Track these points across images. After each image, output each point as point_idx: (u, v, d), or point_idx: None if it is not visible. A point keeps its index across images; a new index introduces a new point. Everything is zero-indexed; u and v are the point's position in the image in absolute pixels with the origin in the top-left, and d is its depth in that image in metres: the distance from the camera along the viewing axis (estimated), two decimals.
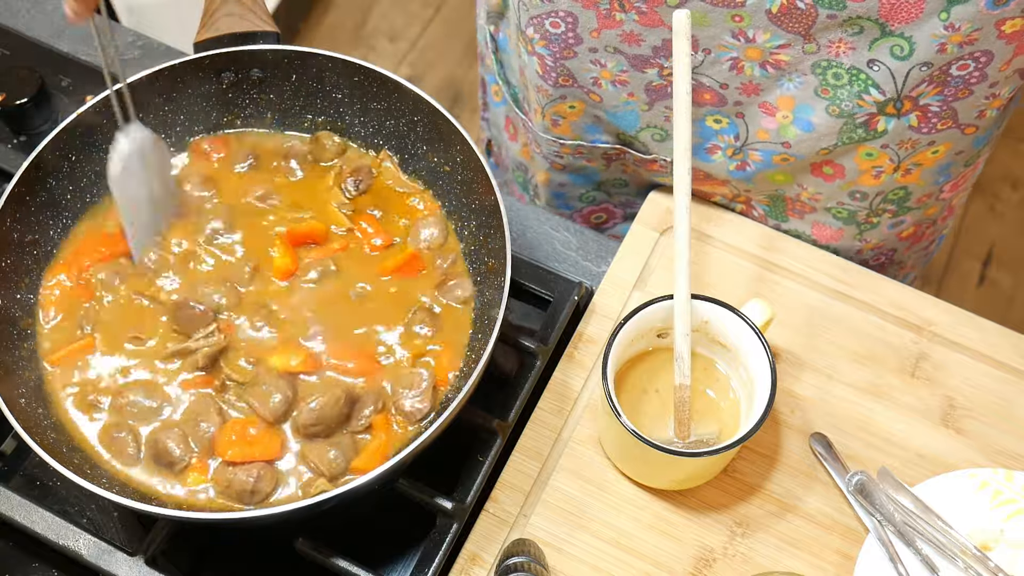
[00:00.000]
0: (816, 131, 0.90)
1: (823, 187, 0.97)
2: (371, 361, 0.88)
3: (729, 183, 1.00)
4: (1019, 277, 2.19)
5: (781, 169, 0.96)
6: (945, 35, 0.79)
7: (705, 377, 0.89)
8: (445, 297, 0.92)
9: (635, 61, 0.89)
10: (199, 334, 0.87)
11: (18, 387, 0.84)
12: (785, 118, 0.90)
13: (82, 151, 0.93)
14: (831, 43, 0.83)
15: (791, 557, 0.87)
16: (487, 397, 0.90)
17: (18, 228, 0.89)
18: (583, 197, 1.12)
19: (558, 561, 0.87)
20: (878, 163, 0.93)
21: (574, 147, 1.02)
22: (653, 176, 1.04)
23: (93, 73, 1.10)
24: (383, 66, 0.95)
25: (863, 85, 0.85)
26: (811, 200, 0.99)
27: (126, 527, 0.90)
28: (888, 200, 0.98)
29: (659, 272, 1.00)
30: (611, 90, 0.93)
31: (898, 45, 0.81)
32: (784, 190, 0.99)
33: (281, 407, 0.85)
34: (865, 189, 0.96)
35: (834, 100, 0.87)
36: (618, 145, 1.01)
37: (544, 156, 1.07)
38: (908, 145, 0.91)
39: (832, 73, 0.85)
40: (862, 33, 0.81)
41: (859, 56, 0.83)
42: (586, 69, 0.92)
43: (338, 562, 0.83)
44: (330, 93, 0.98)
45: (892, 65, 0.83)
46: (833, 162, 0.94)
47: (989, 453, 0.91)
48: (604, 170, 1.06)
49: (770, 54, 0.85)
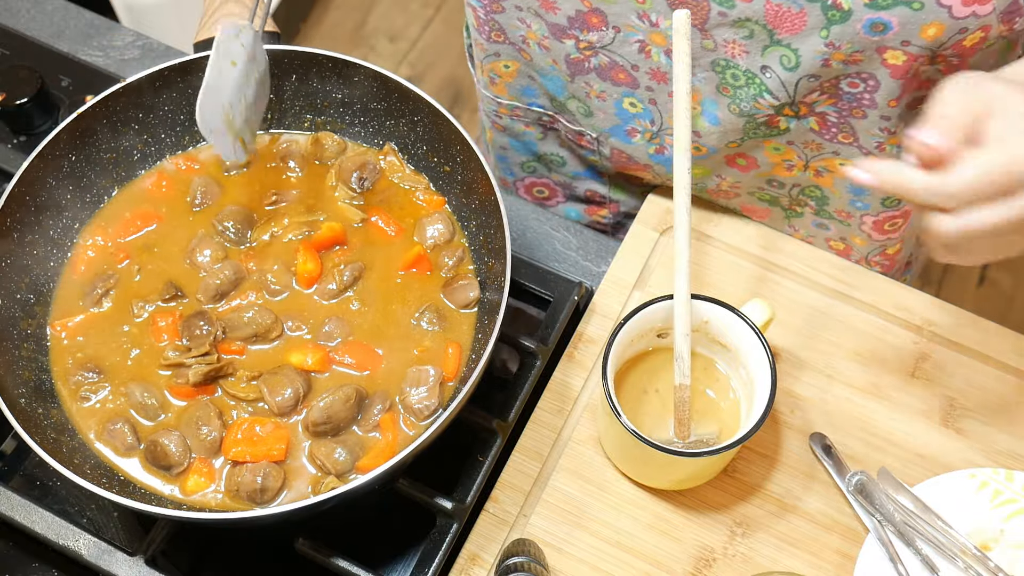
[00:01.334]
0: (722, 125, 0.91)
1: (740, 177, 0.99)
2: (378, 357, 0.89)
3: (651, 168, 1.01)
4: (1019, 277, 2.19)
5: (696, 161, 0.96)
6: (827, 51, 0.81)
7: (705, 377, 0.89)
8: (452, 299, 0.92)
9: (553, 29, 0.90)
10: (196, 352, 0.87)
11: (18, 387, 0.84)
12: (694, 109, 0.91)
13: (82, 151, 0.93)
14: (726, 42, 0.84)
15: (791, 557, 0.87)
16: (487, 397, 0.90)
17: (18, 228, 0.89)
18: (524, 166, 1.13)
19: (558, 561, 0.87)
20: (787, 156, 0.95)
21: (511, 108, 1.04)
22: (584, 153, 1.05)
23: (93, 73, 1.10)
24: (383, 66, 0.95)
25: (758, 89, 0.87)
26: (732, 188, 1.01)
27: (126, 527, 0.90)
28: (807, 195, 0.99)
29: (659, 272, 1.00)
30: (538, 52, 0.94)
31: (786, 56, 0.82)
32: (705, 183, 1.01)
33: (291, 401, 0.85)
34: (781, 179, 0.98)
35: (734, 99, 0.89)
36: (551, 111, 1.02)
37: (487, 115, 1.09)
38: (812, 146, 0.93)
39: (731, 73, 0.86)
40: (753, 37, 0.83)
41: (753, 60, 0.84)
42: (514, 26, 0.93)
43: (338, 562, 0.83)
44: (330, 93, 0.98)
45: (782, 75, 0.84)
46: (745, 155, 0.96)
47: (989, 453, 0.91)
48: (540, 140, 1.08)
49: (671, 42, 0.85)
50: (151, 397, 0.86)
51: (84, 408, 0.86)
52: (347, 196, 0.96)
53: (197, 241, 0.93)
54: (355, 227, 0.95)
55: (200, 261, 0.92)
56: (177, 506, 0.82)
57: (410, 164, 0.99)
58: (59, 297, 0.91)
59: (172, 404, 0.86)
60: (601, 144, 1.02)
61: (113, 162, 0.96)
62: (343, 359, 0.88)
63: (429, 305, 0.91)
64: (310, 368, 0.88)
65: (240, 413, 0.86)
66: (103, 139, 0.94)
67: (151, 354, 0.88)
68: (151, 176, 0.97)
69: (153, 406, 0.86)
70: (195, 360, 0.86)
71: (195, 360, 0.86)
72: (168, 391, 0.87)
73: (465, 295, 0.91)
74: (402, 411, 0.86)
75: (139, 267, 0.93)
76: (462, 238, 0.95)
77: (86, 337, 0.89)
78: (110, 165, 0.96)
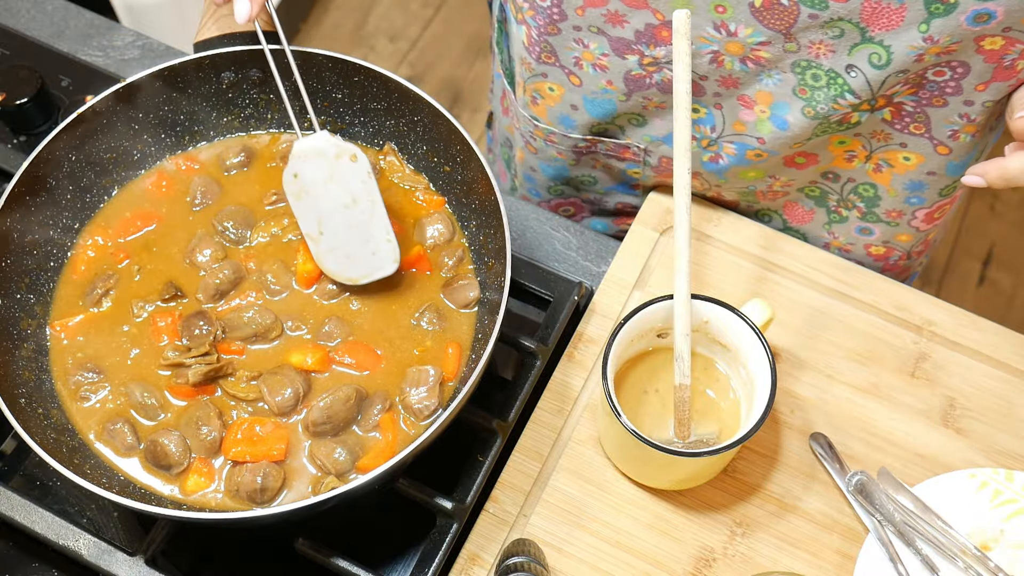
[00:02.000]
0: (791, 130, 0.91)
1: (796, 175, 0.98)
2: (378, 357, 0.89)
3: (701, 175, 1.00)
4: (1019, 277, 2.19)
5: (754, 165, 0.96)
6: (923, 46, 0.80)
7: (705, 377, 0.89)
8: (451, 299, 0.92)
9: (617, 44, 0.89)
10: (195, 352, 0.87)
11: (18, 387, 0.84)
12: (763, 112, 0.91)
13: (82, 151, 0.93)
14: (812, 44, 0.83)
15: (791, 557, 0.87)
16: (487, 397, 0.90)
17: (18, 228, 0.89)
18: (552, 189, 1.13)
19: (558, 561, 0.87)
20: (851, 148, 0.94)
21: (547, 132, 1.03)
22: (625, 166, 1.04)
23: (93, 73, 1.10)
24: (383, 66, 0.95)
25: (839, 90, 0.86)
26: (784, 187, 1.00)
27: (126, 527, 0.90)
28: (858, 194, 0.99)
29: (659, 272, 1.00)
30: (591, 74, 0.93)
31: (876, 53, 0.81)
32: (756, 185, 1.00)
33: (291, 401, 0.85)
34: (838, 171, 0.97)
35: (810, 102, 0.88)
36: (590, 136, 1.01)
37: (521, 134, 1.08)
38: (880, 136, 0.92)
39: (811, 74, 0.85)
40: (843, 36, 0.81)
41: (838, 60, 0.83)
42: (569, 48, 0.92)
43: (338, 562, 0.83)
44: (330, 93, 0.98)
45: (869, 73, 0.83)
46: (806, 153, 0.95)
47: (989, 453, 0.91)
48: (573, 165, 1.07)
49: (751, 50, 0.85)
50: (151, 397, 0.86)
51: (84, 408, 0.86)
52: None
53: (197, 241, 0.93)
54: None
55: (200, 261, 0.92)
56: (177, 506, 0.82)
57: (410, 164, 0.99)
58: (59, 297, 0.91)
59: (172, 404, 0.86)
60: (649, 154, 1.01)
61: (113, 162, 0.96)
62: (343, 359, 0.88)
63: (429, 305, 0.91)
64: (310, 368, 0.88)
65: (240, 413, 0.86)
66: (103, 139, 0.94)
67: (151, 354, 0.88)
68: (151, 176, 0.97)
69: (153, 406, 0.86)
70: (195, 360, 0.86)
71: (195, 360, 0.86)
72: (168, 391, 0.87)
73: (465, 295, 0.91)
74: (402, 411, 0.86)
75: (139, 267, 0.93)
76: (462, 238, 0.95)
77: (86, 337, 0.89)
78: (110, 165, 0.96)
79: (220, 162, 0.98)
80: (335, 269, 0.91)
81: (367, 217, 0.89)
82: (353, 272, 0.90)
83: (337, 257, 0.90)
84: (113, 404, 0.86)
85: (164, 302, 0.90)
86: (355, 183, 0.89)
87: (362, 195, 0.89)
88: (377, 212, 0.89)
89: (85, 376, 0.87)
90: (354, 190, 0.89)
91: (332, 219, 0.89)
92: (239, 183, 0.98)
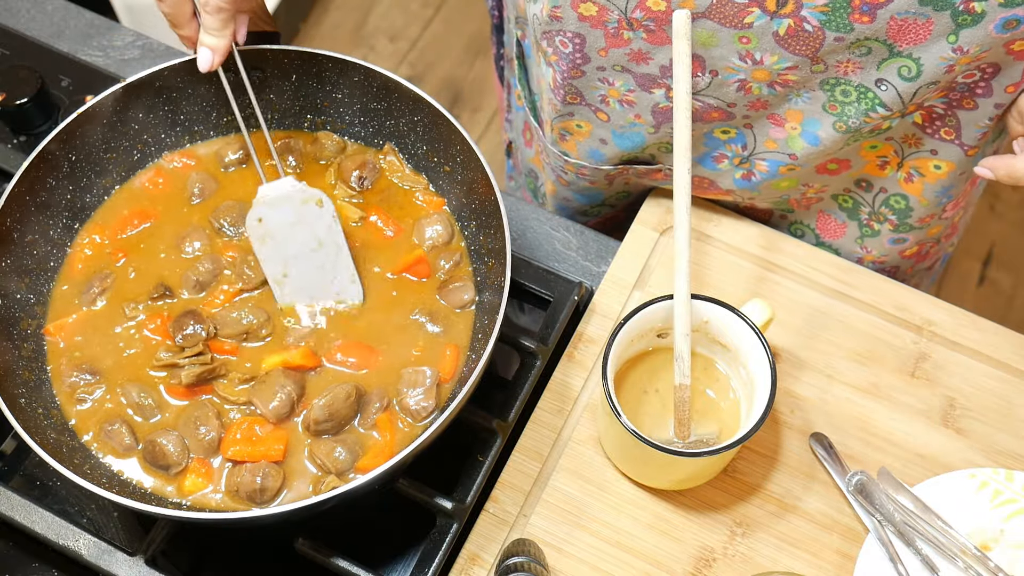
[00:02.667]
0: (822, 144, 0.90)
1: (829, 181, 0.97)
2: (376, 355, 0.89)
3: (733, 192, 1.00)
4: (1019, 277, 2.19)
5: (786, 177, 0.96)
6: (954, 57, 0.79)
7: (705, 377, 0.89)
8: (447, 300, 0.92)
9: (642, 80, 0.88)
10: (188, 352, 0.87)
11: (18, 387, 0.84)
12: (794, 129, 0.90)
13: (82, 151, 0.93)
14: (839, 63, 0.82)
15: (791, 557, 0.87)
16: (487, 397, 0.90)
17: (18, 228, 0.89)
18: (587, 212, 1.12)
19: (558, 561, 0.87)
20: (883, 153, 0.93)
21: (577, 167, 1.02)
22: (657, 183, 1.04)
23: (93, 73, 1.10)
24: (383, 66, 0.95)
25: (870, 103, 0.85)
26: (817, 194, 0.99)
27: (126, 527, 0.90)
28: (890, 207, 0.98)
29: (659, 272, 1.00)
30: (618, 109, 0.93)
31: (906, 66, 0.80)
32: (789, 194, 0.99)
33: (285, 408, 0.85)
34: (871, 178, 0.96)
35: (841, 116, 0.87)
36: (621, 165, 1.01)
37: (552, 168, 1.07)
38: (911, 141, 0.91)
39: (840, 90, 0.85)
40: (870, 54, 0.80)
41: (867, 75, 0.82)
42: (594, 87, 0.91)
43: (338, 562, 0.83)
44: (330, 93, 0.98)
45: (900, 86, 0.82)
46: (838, 159, 0.94)
47: (989, 453, 0.91)
48: (607, 188, 1.06)
49: (778, 75, 0.84)
50: (147, 397, 0.86)
51: (81, 410, 0.86)
52: (346, 195, 0.96)
53: (187, 234, 0.94)
54: (353, 226, 0.95)
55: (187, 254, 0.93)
56: (177, 506, 0.82)
57: (410, 164, 0.99)
58: (55, 297, 0.91)
59: (170, 404, 0.86)
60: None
61: (113, 162, 0.96)
62: (340, 357, 0.88)
63: (424, 307, 0.91)
64: (299, 365, 0.87)
65: (236, 414, 0.86)
66: (103, 139, 0.94)
67: (146, 353, 0.88)
68: (148, 172, 0.97)
69: (150, 406, 0.86)
70: (188, 360, 0.86)
71: (188, 360, 0.86)
72: (165, 389, 0.87)
73: (460, 297, 0.91)
74: (399, 412, 0.86)
75: (133, 267, 0.93)
76: (460, 240, 0.95)
77: (83, 337, 0.89)
78: (110, 165, 0.96)
79: (218, 159, 0.98)
80: (300, 310, 0.91)
81: (332, 260, 0.91)
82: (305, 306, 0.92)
83: (301, 299, 0.91)
84: (112, 404, 0.86)
85: (153, 301, 0.90)
86: (320, 227, 0.90)
87: (327, 239, 0.90)
88: (342, 255, 0.91)
89: (81, 377, 0.87)
90: (319, 234, 0.90)
91: (297, 262, 0.90)
92: (237, 180, 0.98)
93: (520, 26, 1.00)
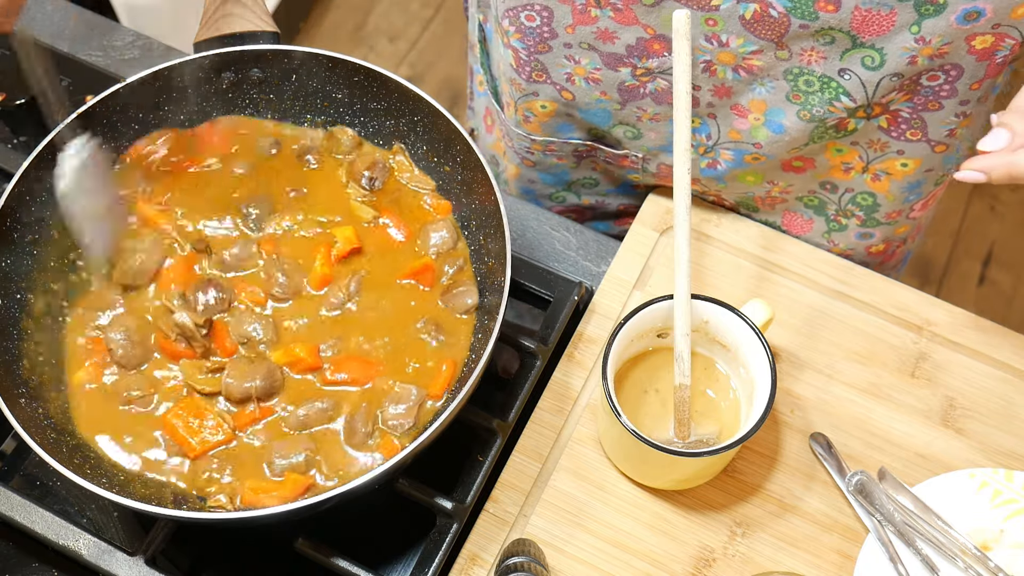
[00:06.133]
0: (787, 133, 0.91)
1: (794, 179, 0.98)
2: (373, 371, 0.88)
3: (699, 181, 1.00)
4: (1019, 277, 2.19)
5: (752, 169, 0.96)
6: (916, 48, 0.80)
7: (705, 377, 0.89)
8: (450, 305, 0.91)
9: (608, 59, 0.90)
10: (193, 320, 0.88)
11: (18, 387, 0.84)
12: (757, 120, 0.91)
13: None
14: (803, 51, 0.83)
15: (791, 557, 0.87)
16: (487, 397, 0.90)
17: (18, 228, 0.89)
18: (553, 196, 1.12)
19: (558, 561, 0.87)
20: (847, 159, 0.94)
21: (544, 143, 1.03)
22: (625, 172, 1.04)
23: (93, 73, 1.10)
24: (383, 66, 0.95)
25: (834, 93, 0.86)
26: (782, 193, 1.00)
27: (126, 527, 0.90)
28: (857, 203, 0.99)
29: (659, 272, 1.00)
30: (584, 87, 0.94)
31: (869, 56, 0.82)
32: (754, 191, 1.00)
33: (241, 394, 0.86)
34: (835, 181, 0.98)
35: (805, 105, 0.88)
36: (589, 141, 1.01)
37: (516, 151, 1.07)
38: (877, 146, 0.92)
39: (804, 80, 0.86)
40: (833, 43, 0.82)
41: (830, 65, 0.84)
42: (560, 65, 0.92)
43: (338, 562, 0.83)
44: (330, 93, 0.98)
45: (863, 75, 0.84)
46: (804, 157, 0.95)
47: (989, 453, 0.91)
48: (574, 168, 1.07)
49: (743, 59, 0.86)
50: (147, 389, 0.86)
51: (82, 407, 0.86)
52: (359, 194, 0.96)
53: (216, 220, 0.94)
54: (365, 226, 0.95)
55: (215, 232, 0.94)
56: (178, 506, 0.82)
57: (419, 165, 0.98)
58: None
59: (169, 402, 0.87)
60: (647, 162, 1.01)
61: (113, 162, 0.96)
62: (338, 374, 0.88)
63: (428, 317, 0.90)
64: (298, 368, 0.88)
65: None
66: (103, 139, 0.94)
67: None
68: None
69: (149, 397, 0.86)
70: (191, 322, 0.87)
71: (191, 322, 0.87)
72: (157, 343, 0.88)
73: (463, 302, 0.91)
74: (380, 425, 0.86)
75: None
76: (464, 245, 0.95)
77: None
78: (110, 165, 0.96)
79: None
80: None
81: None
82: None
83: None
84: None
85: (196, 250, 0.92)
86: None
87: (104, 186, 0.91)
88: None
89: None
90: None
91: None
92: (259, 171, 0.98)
93: (482, 9, 1.01)
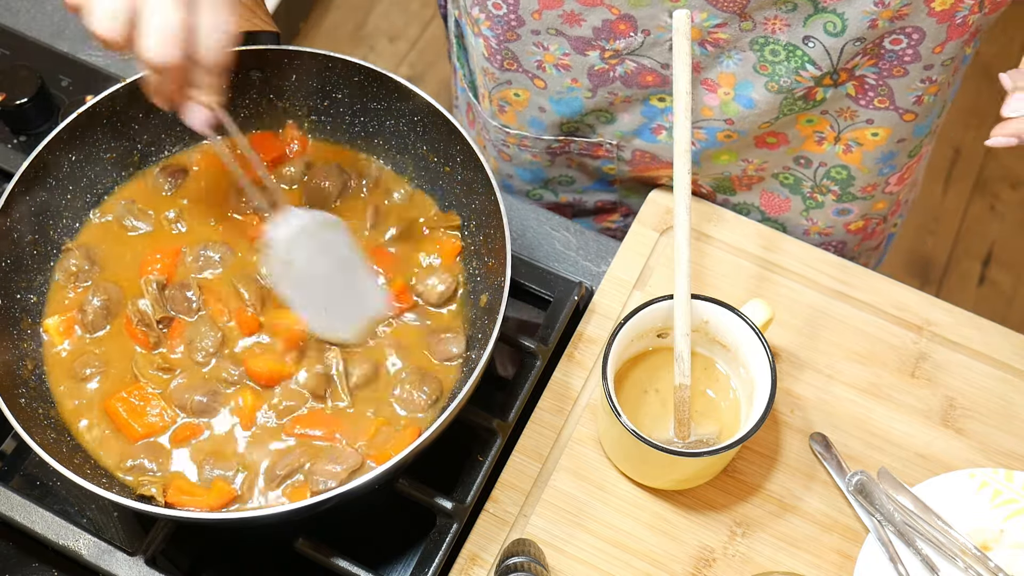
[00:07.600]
0: (757, 107, 0.92)
1: (768, 156, 0.99)
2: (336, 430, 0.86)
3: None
4: (1019, 277, 2.19)
5: (726, 147, 0.97)
6: (875, 11, 0.82)
7: (705, 377, 0.89)
8: (433, 353, 0.89)
9: (576, 43, 0.90)
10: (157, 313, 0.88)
11: (18, 387, 0.84)
12: (727, 95, 0.92)
13: (82, 151, 0.93)
14: (767, 20, 0.84)
15: (791, 557, 0.87)
16: (487, 397, 0.90)
17: (18, 228, 0.89)
18: (530, 194, 1.13)
19: (558, 561, 0.87)
20: (819, 128, 0.95)
21: (519, 137, 1.03)
22: (600, 164, 1.05)
23: (93, 73, 1.10)
24: (383, 66, 0.95)
25: (799, 61, 0.87)
26: (757, 171, 1.01)
27: (126, 527, 0.90)
28: (831, 178, 1.00)
29: (659, 272, 1.00)
30: (555, 75, 0.94)
31: (831, 22, 0.83)
32: (730, 170, 1.01)
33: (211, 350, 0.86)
34: (809, 155, 0.98)
35: (772, 76, 0.89)
36: (562, 136, 1.02)
37: (493, 144, 1.08)
38: (847, 115, 0.93)
39: (770, 49, 0.87)
40: (796, 10, 0.83)
41: (794, 33, 0.85)
42: (530, 52, 0.93)
43: (338, 562, 0.83)
44: (330, 93, 0.98)
45: (827, 42, 0.85)
46: (776, 132, 0.96)
47: (989, 453, 0.91)
48: (549, 166, 1.07)
49: (708, 33, 0.87)
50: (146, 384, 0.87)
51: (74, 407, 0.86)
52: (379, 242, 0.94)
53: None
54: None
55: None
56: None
57: (409, 165, 0.98)
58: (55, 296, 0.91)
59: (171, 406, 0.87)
60: (622, 149, 1.01)
61: (113, 162, 0.96)
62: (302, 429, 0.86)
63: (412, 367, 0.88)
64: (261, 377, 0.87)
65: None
66: (103, 139, 0.94)
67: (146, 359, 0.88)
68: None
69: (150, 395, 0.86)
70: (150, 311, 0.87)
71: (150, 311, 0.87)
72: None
73: (447, 349, 0.89)
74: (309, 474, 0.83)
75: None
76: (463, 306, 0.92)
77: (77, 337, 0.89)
78: (110, 165, 0.96)
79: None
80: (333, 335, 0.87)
81: (359, 275, 0.88)
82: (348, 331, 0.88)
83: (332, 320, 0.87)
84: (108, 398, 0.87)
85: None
86: (341, 247, 0.87)
87: (350, 255, 0.87)
88: (362, 266, 0.89)
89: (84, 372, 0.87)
90: (343, 254, 0.87)
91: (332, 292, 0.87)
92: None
93: (456, 4, 1.02)
